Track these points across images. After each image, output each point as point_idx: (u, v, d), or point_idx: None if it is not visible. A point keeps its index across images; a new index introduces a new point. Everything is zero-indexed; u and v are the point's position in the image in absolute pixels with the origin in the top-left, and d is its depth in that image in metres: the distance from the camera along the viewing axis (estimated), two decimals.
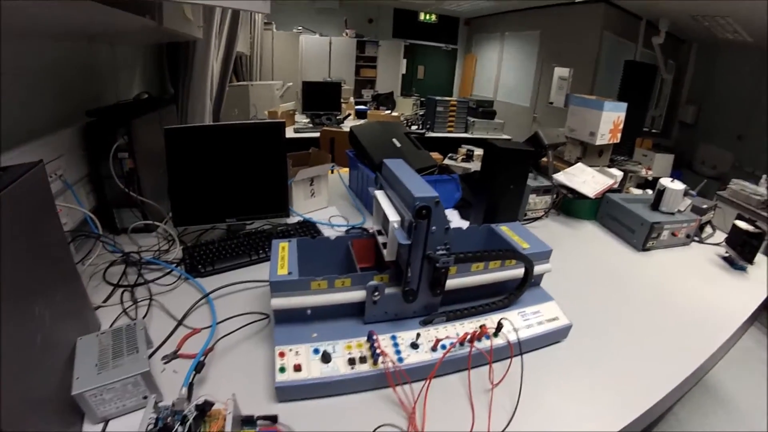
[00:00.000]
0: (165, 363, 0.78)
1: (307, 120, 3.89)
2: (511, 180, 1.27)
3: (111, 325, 0.86)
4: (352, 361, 0.72)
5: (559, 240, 1.54)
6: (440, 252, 0.75)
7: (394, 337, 0.79)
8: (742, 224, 1.54)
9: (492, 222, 1.12)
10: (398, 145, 1.71)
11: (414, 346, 0.77)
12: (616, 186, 1.90)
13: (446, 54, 8.29)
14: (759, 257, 1.56)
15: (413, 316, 0.84)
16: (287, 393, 0.69)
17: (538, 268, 0.95)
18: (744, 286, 1.38)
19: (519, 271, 0.93)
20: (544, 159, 1.95)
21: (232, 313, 0.92)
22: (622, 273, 1.36)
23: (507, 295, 0.93)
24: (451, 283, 0.84)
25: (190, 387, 0.65)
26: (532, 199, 1.66)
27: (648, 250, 1.53)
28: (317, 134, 3.17)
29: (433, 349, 0.77)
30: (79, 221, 1.13)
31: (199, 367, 0.70)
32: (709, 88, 5.28)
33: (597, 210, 1.76)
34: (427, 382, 0.69)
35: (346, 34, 7.01)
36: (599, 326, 1.02)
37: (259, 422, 0.62)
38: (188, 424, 0.54)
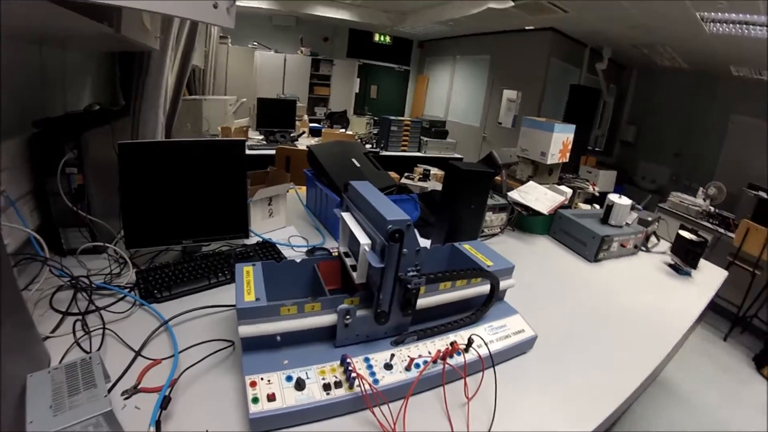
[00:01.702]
0: (125, 399, 0.72)
1: (261, 137, 3.80)
2: (472, 200, 1.32)
3: (62, 359, 0.78)
4: (327, 387, 0.71)
5: (516, 254, 1.56)
6: (411, 273, 0.76)
7: (367, 359, 0.78)
8: (686, 234, 1.71)
9: (453, 240, 1.16)
10: (357, 164, 1.72)
11: (388, 366, 0.78)
12: (566, 202, 2.05)
13: (399, 74, 8.53)
14: (702, 262, 1.75)
15: (384, 337, 0.85)
16: (263, 424, 0.66)
17: (502, 284, 0.99)
18: (690, 289, 1.53)
19: (485, 288, 0.97)
20: (498, 178, 2.06)
21: (194, 340, 0.86)
22: (578, 283, 1.45)
23: (474, 311, 0.96)
24: (421, 302, 0.86)
25: (158, 425, 0.60)
26: (489, 216, 1.75)
27: (599, 261, 1.65)
28: (272, 152, 3.10)
29: (407, 368, 0.79)
30: (22, 242, 1.02)
31: (165, 403, 0.65)
32: (648, 110, 5.94)
33: (550, 225, 1.87)
34: (405, 401, 0.70)
35: (301, 52, 6.99)
36: (561, 335, 1.09)
37: None
38: None
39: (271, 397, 0.67)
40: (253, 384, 0.69)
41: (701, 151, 5.16)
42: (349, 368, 0.72)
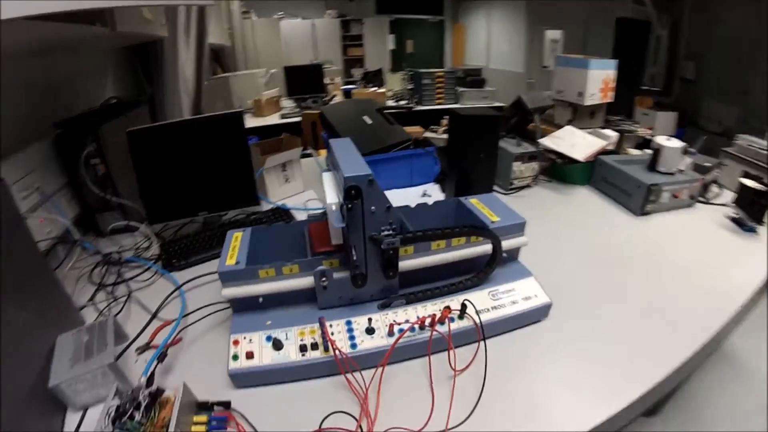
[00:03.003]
0: (138, 354, 0.85)
1: (294, 104, 3.90)
2: (479, 148, 1.26)
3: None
4: (303, 348, 0.76)
5: (548, 208, 1.51)
6: (385, 233, 0.77)
7: (349, 323, 0.81)
8: (749, 182, 1.46)
9: (467, 194, 1.11)
10: (369, 122, 1.73)
11: (369, 331, 0.79)
12: (611, 148, 1.86)
13: (434, 26, 8.10)
14: None
15: (371, 300, 0.86)
16: (241, 380, 0.74)
17: (509, 242, 0.93)
18: (755, 249, 1.28)
19: (488, 247, 0.90)
20: (533, 124, 1.93)
21: (204, 303, 0.97)
22: (620, 241, 1.29)
23: (476, 273, 0.90)
24: (410, 263, 0.86)
25: (151, 376, 0.71)
26: (517, 167, 1.63)
27: (647, 214, 1.46)
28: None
29: (389, 333, 0.78)
30: (64, 229, 1.19)
31: (161, 357, 0.76)
32: (707, 42, 5.08)
33: (591, 174, 1.70)
34: (380, 368, 0.72)
35: (329, 15, 6.88)
36: (592, 302, 0.98)
37: (215, 408, 0.68)
38: (140, 410, 0.60)
39: (249, 355, 0.75)
40: (236, 342, 0.77)
41: None
42: (323, 331, 0.77)
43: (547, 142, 1.74)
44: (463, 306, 0.82)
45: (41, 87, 1.32)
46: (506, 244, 0.92)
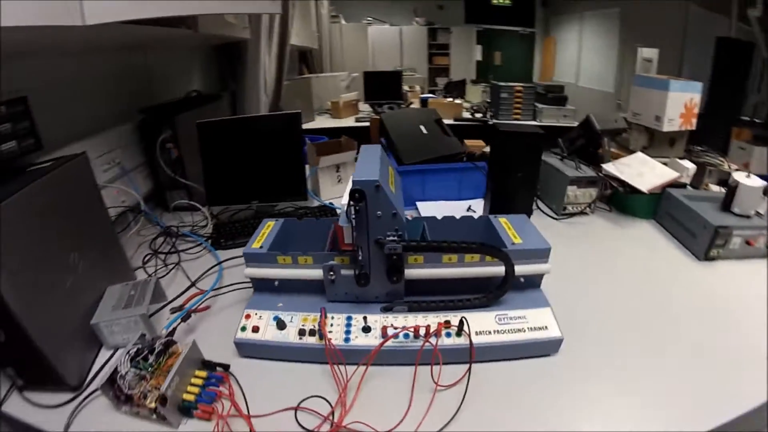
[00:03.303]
0: (171, 313, 0.97)
1: (370, 109, 4.06)
2: (518, 167, 1.23)
3: None
4: (302, 332, 0.83)
5: (600, 239, 1.43)
6: (390, 238, 0.81)
7: (349, 318, 0.86)
8: None
9: (503, 213, 1.09)
10: (424, 131, 1.76)
11: (366, 329, 0.83)
12: (685, 181, 1.70)
13: (523, 38, 7.84)
14: None
15: (375, 301, 0.89)
16: (243, 349, 0.84)
17: (529, 268, 0.91)
18: None
19: (502, 269, 0.87)
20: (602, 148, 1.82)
21: (236, 281, 1.09)
22: (671, 286, 1.17)
23: (485, 294, 0.89)
24: (419, 272, 0.88)
25: (173, 331, 0.82)
26: (572, 191, 1.55)
27: (711, 259, 1.30)
28: None
29: (383, 335, 0.81)
30: (136, 201, 1.40)
31: (185, 318, 0.88)
32: None
33: (657, 209, 1.56)
34: (364, 366, 0.75)
35: (416, 23, 7.01)
36: (617, 347, 0.90)
37: (216, 368, 0.78)
38: (154, 354, 0.71)
39: (255, 329, 0.84)
40: (248, 316, 0.87)
41: None
42: (320, 321, 0.82)
43: (610, 167, 1.63)
44: (461, 323, 0.82)
45: (134, 76, 1.58)
46: (524, 268, 0.90)
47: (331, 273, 0.88)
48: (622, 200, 1.61)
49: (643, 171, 1.64)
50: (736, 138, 3.98)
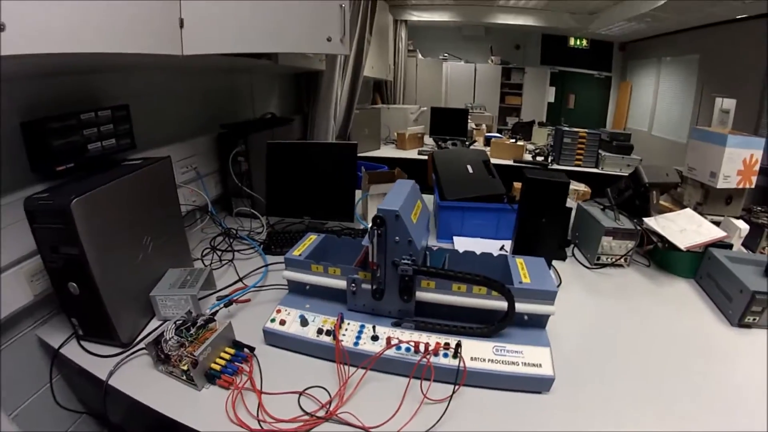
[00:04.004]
0: (217, 300, 1.15)
1: (434, 144, 4.22)
2: (542, 212, 1.28)
3: None
4: (320, 332, 0.96)
5: (630, 294, 1.41)
6: (404, 261, 0.93)
7: (362, 326, 0.98)
8: None
9: (529, 254, 1.15)
10: (470, 171, 1.85)
11: (374, 338, 0.94)
12: (732, 241, 1.63)
13: (599, 82, 7.69)
14: None
15: (387, 316, 1.01)
16: (269, 338, 0.99)
17: (532, 307, 0.97)
18: None
19: (521, 306, 0.94)
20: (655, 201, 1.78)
21: (277, 282, 1.25)
22: (694, 347, 1.13)
23: (488, 325, 0.95)
24: (430, 296, 0.98)
25: (214, 313, 1.00)
26: (608, 242, 1.55)
27: (747, 327, 1.24)
28: None
29: (387, 345, 0.90)
30: (205, 202, 1.64)
31: (227, 304, 1.06)
32: None
33: (699, 267, 1.51)
34: (363, 369, 0.87)
35: (492, 61, 7.18)
36: (614, 401, 0.90)
37: (244, 348, 0.93)
38: (195, 327, 0.89)
39: (282, 322, 0.98)
40: (279, 311, 1.02)
41: None
42: (336, 324, 0.95)
43: (651, 221, 1.59)
44: (457, 345, 0.89)
45: (220, 95, 1.88)
46: (527, 307, 0.96)
47: (353, 285, 1.01)
48: (661, 256, 1.58)
49: (687, 228, 1.59)
50: None
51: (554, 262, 1.52)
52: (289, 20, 1.26)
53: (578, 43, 7.37)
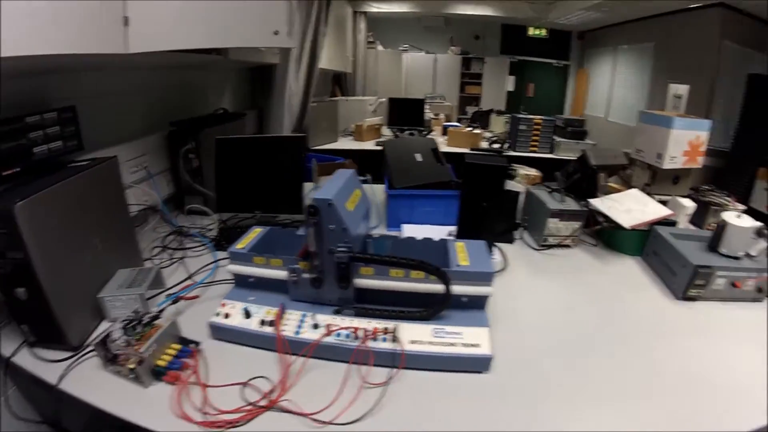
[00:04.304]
0: (166, 297, 1.16)
1: (392, 134, 4.26)
2: (483, 197, 1.32)
3: None
4: (263, 323, 0.99)
5: (577, 273, 1.47)
6: (340, 249, 0.97)
7: (304, 315, 1.01)
8: None
9: (473, 238, 1.18)
10: (418, 159, 1.90)
11: (315, 326, 0.97)
12: (680, 219, 1.69)
13: (557, 70, 7.98)
14: None
15: (329, 304, 1.04)
16: (215, 331, 1.02)
17: (469, 289, 1.01)
18: None
19: (458, 288, 0.98)
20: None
21: (226, 277, 1.27)
22: (638, 321, 1.19)
23: (426, 309, 0.99)
24: (369, 283, 1.02)
25: (161, 311, 1.01)
26: (554, 223, 1.60)
27: (691, 299, 1.31)
28: None
29: (327, 334, 0.94)
30: (156, 201, 1.64)
31: (174, 301, 1.08)
32: None
33: (645, 245, 1.58)
34: (304, 357, 0.91)
35: (452, 51, 7.27)
36: (556, 373, 0.95)
37: (189, 344, 0.95)
38: (141, 325, 0.90)
39: (226, 316, 1.01)
40: (223, 305, 1.05)
41: None
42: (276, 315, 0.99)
43: (596, 202, 1.64)
44: (395, 330, 0.95)
45: (169, 92, 1.85)
46: (464, 289, 1.01)
47: (294, 275, 1.04)
48: (608, 236, 1.65)
49: (634, 208, 1.65)
50: (761, 178, 3.81)
51: (503, 245, 1.58)
52: (235, 15, 1.27)
53: (537, 32, 7.57)
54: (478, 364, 0.94)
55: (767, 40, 4.27)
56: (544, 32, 7.58)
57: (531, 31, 7.56)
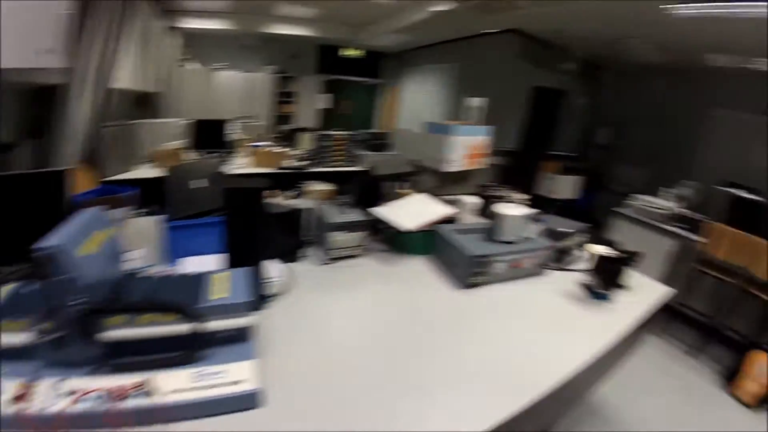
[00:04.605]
0: None
1: (197, 158, 3.94)
2: (243, 220, 1.23)
3: None
4: (17, 399, 0.79)
5: (368, 281, 1.49)
6: (75, 302, 0.85)
7: (60, 381, 0.84)
8: (598, 249, 1.48)
9: (240, 266, 1.10)
10: (192, 186, 1.82)
11: (72, 393, 0.82)
12: (464, 215, 1.93)
13: (371, 88, 8.85)
14: (644, 281, 1.54)
15: (86, 365, 0.89)
16: None
17: (228, 323, 0.95)
18: (597, 319, 1.27)
19: (212, 324, 0.92)
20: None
21: None
22: (433, 316, 1.25)
23: (181, 352, 0.90)
24: (120, 333, 0.89)
25: None
26: (340, 236, 1.61)
27: (475, 286, 1.44)
28: None
29: (75, 401, 0.80)
30: None
31: None
32: (623, 111, 5.96)
33: (433, 245, 1.69)
34: None
35: (267, 71, 7.25)
36: (351, 388, 0.95)
37: None
38: None
39: None
40: None
41: (679, 151, 5.05)
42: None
43: (378, 210, 1.74)
44: (148, 382, 0.85)
45: None
46: (220, 324, 0.95)
47: (42, 336, 0.88)
48: (396, 240, 1.74)
49: (419, 210, 1.80)
50: (545, 170, 4.95)
51: (293, 265, 1.54)
52: None
53: (352, 53, 8.18)
54: (243, 402, 0.88)
55: (550, 59, 5.47)
56: (358, 53, 8.25)
57: (343, 52, 8.13)
